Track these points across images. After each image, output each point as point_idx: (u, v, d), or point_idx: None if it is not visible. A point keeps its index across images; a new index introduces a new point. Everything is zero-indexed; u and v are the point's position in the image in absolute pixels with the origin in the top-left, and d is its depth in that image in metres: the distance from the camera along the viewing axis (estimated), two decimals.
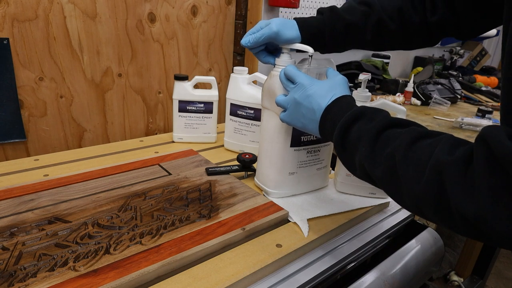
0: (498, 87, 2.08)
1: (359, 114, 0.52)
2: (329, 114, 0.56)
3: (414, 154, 0.43)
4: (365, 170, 0.50)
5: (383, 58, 1.90)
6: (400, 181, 0.44)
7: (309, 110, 0.59)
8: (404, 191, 0.44)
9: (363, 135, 0.50)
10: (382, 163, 0.46)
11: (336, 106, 0.56)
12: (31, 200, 0.68)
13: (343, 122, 0.53)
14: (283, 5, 1.24)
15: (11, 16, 0.87)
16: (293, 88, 0.62)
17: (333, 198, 0.79)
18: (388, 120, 0.50)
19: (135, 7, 1.06)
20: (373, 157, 0.48)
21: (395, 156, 0.45)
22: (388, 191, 0.48)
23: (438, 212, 0.41)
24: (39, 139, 1.00)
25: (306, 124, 0.61)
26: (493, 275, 1.89)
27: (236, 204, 0.71)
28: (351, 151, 0.52)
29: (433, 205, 0.41)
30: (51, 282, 0.49)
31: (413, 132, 0.45)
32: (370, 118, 0.51)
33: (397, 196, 0.47)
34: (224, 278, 0.54)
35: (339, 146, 0.54)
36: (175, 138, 1.05)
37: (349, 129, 0.52)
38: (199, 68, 1.28)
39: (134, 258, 0.54)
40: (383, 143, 0.47)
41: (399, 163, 0.44)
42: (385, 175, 0.46)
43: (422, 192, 0.41)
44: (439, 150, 0.40)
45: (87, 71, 1.03)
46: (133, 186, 0.76)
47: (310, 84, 0.60)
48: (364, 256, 0.71)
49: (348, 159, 0.53)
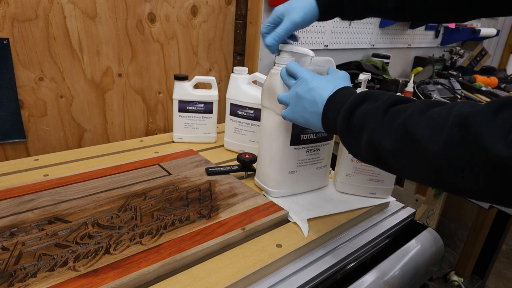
0: (498, 87, 2.08)
1: (364, 97, 0.51)
2: (331, 103, 0.56)
3: (429, 117, 0.42)
4: (373, 147, 0.48)
5: (383, 58, 1.90)
6: (415, 147, 0.42)
7: (311, 103, 0.58)
8: (419, 158, 0.42)
9: (370, 113, 0.49)
10: (393, 134, 0.45)
11: (339, 95, 0.56)
12: (31, 200, 0.68)
13: (347, 106, 0.52)
14: None
15: (11, 16, 0.87)
16: (295, 83, 0.62)
17: (333, 198, 0.79)
18: (395, 97, 0.49)
19: (135, 7, 1.06)
20: (382, 129, 0.46)
21: (407, 124, 0.43)
22: (400, 164, 0.46)
23: (460, 171, 0.39)
24: (39, 139, 1.00)
25: (308, 119, 0.60)
26: (493, 275, 1.89)
27: (236, 204, 0.71)
28: (356, 133, 0.50)
29: (456, 163, 0.39)
30: (51, 282, 0.49)
31: (423, 101, 0.45)
32: (376, 98, 0.50)
33: (411, 167, 0.45)
34: (224, 278, 0.54)
35: (344, 130, 0.52)
36: (175, 138, 1.05)
37: (354, 112, 0.51)
38: (199, 68, 1.28)
39: (134, 258, 0.54)
40: (393, 116, 0.46)
41: (413, 129, 0.42)
42: (397, 146, 0.45)
43: (442, 151, 0.39)
44: (459, 108, 0.39)
45: (87, 71, 1.03)
46: (133, 186, 0.76)
47: (312, 78, 0.60)
48: (364, 256, 0.71)
49: (354, 142, 0.52)
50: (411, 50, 2.21)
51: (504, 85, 2.07)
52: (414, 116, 0.43)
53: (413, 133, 0.42)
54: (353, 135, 0.51)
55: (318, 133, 0.74)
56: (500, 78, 2.17)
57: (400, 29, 2.09)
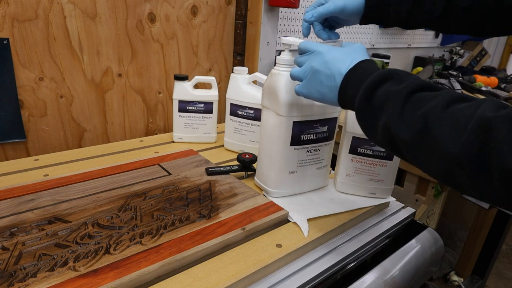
0: (498, 87, 2.08)
1: (387, 75, 0.49)
2: (351, 77, 0.53)
3: (451, 115, 0.40)
4: (389, 133, 0.46)
5: (383, 58, 1.90)
6: (432, 143, 0.41)
7: (328, 76, 0.55)
8: (435, 154, 0.41)
9: (392, 96, 0.46)
10: (412, 125, 0.43)
11: (359, 69, 0.53)
12: (31, 200, 0.68)
13: (368, 83, 0.49)
14: (283, 5, 1.23)
15: (11, 16, 0.87)
16: (309, 57, 0.59)
17: (333, 198, 0.79)
18: (420, 82, 0.46)
19: (135, 7, 1.06)
20: (402, 118, 0.45)
21: (428, 117, 0.42)
22: (415, 155, 0.45)
23: (474, 174, 0.38)
24: (39, 139, 1.00)
25: (324, 93, 0.57)
26: (493, 275, 1.89)
27: (236, 204, 0.71)
28: (374, 114, 0.48)
29: (471, 166, 0.38)
30: (51, 282, 0.49)
31: (449, 94, 0.43)
32: (399, 80, 0.48)
33: (424, 161, 0.44)
34: (224, 278, 0.54)
35: (362, 109, 0.50)
36: (175, 138, 1.05)
37: (375, 91, 0.49)
38: (199, 68, 1.28)
39: (134, 258, 0.54)
40: (415, 105, 0.44)
41: (433, 125, 0.41)
42: (414, 138, 0.43)
43: (459, 153, 0.38)
44: (484, 109, 0.38)
45: (87, 71, 1.03)
46: (133, 186, 0.76)
47: (327, 50, 0.57)
48: (364, 256, 0.71)
49: (370, 123, 0.50)
50: (411, 50, 2.21)
51: (504, 85, 2.07)
52: (437, 111, 0.41)
53: (433, 129, 0.41)
54: (371, 116, 0.49)
55: (319, 133, 0.74)
56: (500, 78, 2.17)
57: (400, 29, 2.09)
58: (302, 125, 0.72)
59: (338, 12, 0.66)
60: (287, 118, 0.70)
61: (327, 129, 0.75)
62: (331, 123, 0.75)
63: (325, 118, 0.74)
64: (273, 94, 0.70)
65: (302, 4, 1.54)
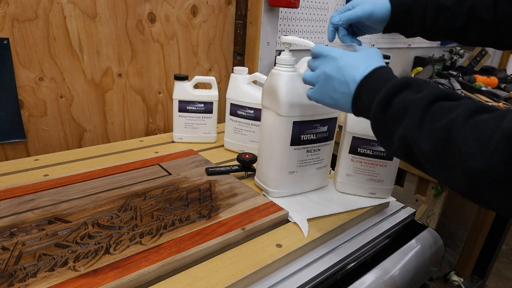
0: (498, 87, 2.08)
1: (404, 83, 0.47)
2: (366, 84, 0.51)
3: (475, 126, 0.38)
4: (407, 145, 0.45)
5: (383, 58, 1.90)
6: (455, 156, 0.39)
7: (341, 82, 0.54)
8: (458, 167, 0.39)
9: (410, 105, 0.45)
10: (432, 136, 0.42)
11: (375, 76, 0.51)
12: (31, 200, 0.68)
13: (385, 92, 0.48)
14: (283, 5, 1.24)
15: (11, 16, 0.87)
16: (321, 62, 0.58)
17: (333, 198, 0.79)
18: (440, 91, 0.45)
19: (135, 7, 1.06)
20: (421, 129, 0.43)
21: (450, 128, 0.40)
22: (435, 167, 0.43)
23: (500, 191, 0.37)
24: (39, 139, 1.00)
25: (337, 100, 0.55)
26: (493, 275, 1.89)
27: (236, 204, 0.71)
28: (391, 124, 0.47)
29: (496, 181, 0.36)
30: (51, 282, 0.49)
31: (470, 104, 0.41)
32: (418, 88, 0.46)
33: (446, 174, 0.42)
34: (224, 278, 0.54)
35: (378, 118, 0.49)
36: (175, 138, 1.05)
37: (391, 100, 0.47)
38: (199, 68, 1.28)
39: (134, 258, 0.54)
40: (435, 115, 0.42)
41: (456, 136, 0.39)
42: (435, 150, 0.42)
43: (484, 167, 0.37)
44: (509, 120, 0.36)
45: (87, 71, 1.03)
46: (133, 186, 0.76)
47: (341, 55, 0.55)
48: (364, 256, 0.71)
49: (386, 133, 0.49)
50: (411, 50, 2.21)
51: (504, 85, 2.07)
52: (459, 121, 0.40)
53: (457, 141, 0.39)
54: (387, 126, 0.48)
55: (319, 133, 0.74)
56: (500, 78, 2.17)
57: None
58: (302, 125, 0.72)
59: (366, 18, 0.66)
60: (287, 118, 0.70)
61: (327, 129, 0.75)
62: (331, 123, 0.75)
63: (325, 118, 0.74)
64: (273, 94, 0.70)
65: (302, 4, 1.54)
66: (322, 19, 1.66)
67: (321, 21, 1.66)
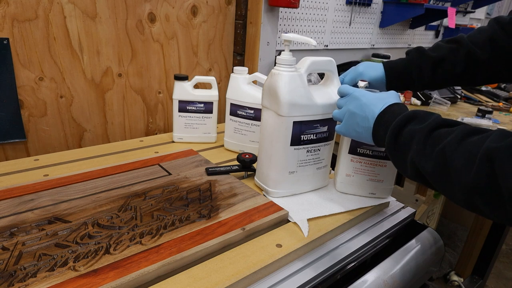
0: (498, 87, 2.08)
1: (411, 116, 0.55)
2: (382, 119, 0.59)
3: (465, 147, 0.45)
4: (416, 168, 0.52)
5: (383, 58, 1.90)
6: (451, 173, 0.46)
7: (363, 118, 0.62)
8: (455, 185, 0.46)
9: (415, 134, 0.52)
10: (433, 159, 0.48)
11: (389, 112, 0.59)
12: (31, 200, 0.68)
13: (395, 124, 0.55)
14: (283, 5, 1.24)
15: (11, 16, 0.88)
16: (347, 101, 0.66)
17: (333, 198, 0.79)
18: (439, 120, 0.52)
19: (135, 7, 1.06)
20: (424, 153, 0.50)
21: (446, 151, 0.47)
22: (439, 185, 0.49)
23: (489, 201, 0.42)
24: (39, 139, 1.00)
25: (360, 133, 0.63)
26: (493, 275, 1.89)
27: (236, 204, 0.71)
28: (403, 151, 0.54)
29: (484, 194, 0.42)
30: (51, 282, 0.49)
31: (463, 129, 0.48)
32: (422, 119, 0.53)
33: (448, 191, 0.48)
34: (224, 278, 0.54)
35: (392, 147, 0.56)
36: (175, 138, 1.05)
37: (401, 130, 0.54)
38: (199, 68, 1.28)
39: (134, 258, 0.54)
40: (435, 140, 0.49)
41: (450, 157, 0.46)
42: (436, 170, 0.48)
43: (473, 182, 0.43)
44: (490, 140, 0.42)
45: (87, 71, 1.03)
46: (133, 186, 0.76)
47: (363, 95, 0.64)
48: (364, 256, 0.71)
49: (400, 159, 0.55)
50: None
51: (504, 85, 2.07)
52: (453, 144, 0.46)
53: (451, 161, 0.46)
54: (400, 153, 0.55)
55: (319, 133, 0.74)
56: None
57: (400, 29, 2.09)
58: (302, 125, 0.72)
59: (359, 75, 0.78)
60: (287, 118, 0.70)
61: (327, 129, 0.75)
62: (331, 123, 0.75)
63: (325, 118, 0.74)
64: (273, 94, 0.70)
65: (302, 4, 1.54)
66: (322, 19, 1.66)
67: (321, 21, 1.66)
